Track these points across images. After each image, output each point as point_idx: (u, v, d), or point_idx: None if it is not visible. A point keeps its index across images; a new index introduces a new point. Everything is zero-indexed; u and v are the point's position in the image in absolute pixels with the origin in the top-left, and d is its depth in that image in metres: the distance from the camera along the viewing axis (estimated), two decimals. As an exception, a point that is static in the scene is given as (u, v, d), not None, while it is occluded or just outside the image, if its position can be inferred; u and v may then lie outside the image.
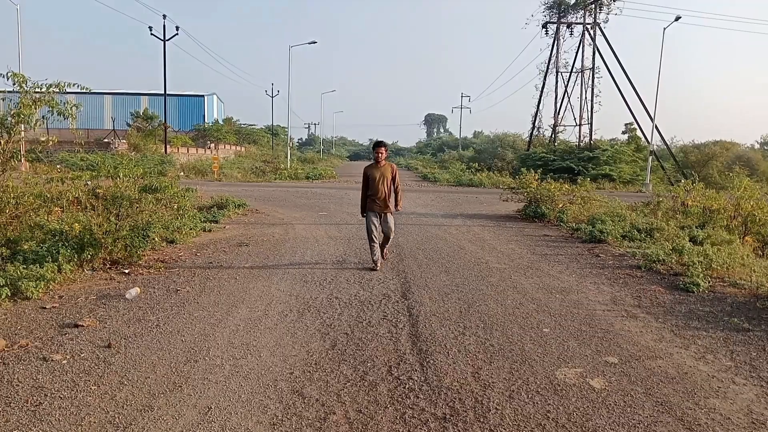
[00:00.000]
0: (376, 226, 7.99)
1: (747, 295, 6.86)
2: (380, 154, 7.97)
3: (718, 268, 7.77)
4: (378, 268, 7.95)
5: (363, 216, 8.19)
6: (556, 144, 39.92)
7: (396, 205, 8.21)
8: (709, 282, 7.33)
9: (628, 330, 5.54)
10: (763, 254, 9.94)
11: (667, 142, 37.70)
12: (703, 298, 6.78)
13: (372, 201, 7.99)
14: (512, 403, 3.87)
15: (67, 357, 4.45)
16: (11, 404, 3.64)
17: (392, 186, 8.02)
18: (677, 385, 4.23)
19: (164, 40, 32.72)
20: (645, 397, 4.00)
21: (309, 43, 42.55)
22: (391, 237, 8.32)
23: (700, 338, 5.33)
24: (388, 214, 8.07)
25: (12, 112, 7.12)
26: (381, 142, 8.09)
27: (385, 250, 8.52)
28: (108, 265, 7.61)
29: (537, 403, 3.88)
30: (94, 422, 3.44)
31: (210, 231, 11.21)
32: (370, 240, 8.00)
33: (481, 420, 3.61)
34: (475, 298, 6.60)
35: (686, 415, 3.74)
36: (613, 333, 5.43)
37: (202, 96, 63.23)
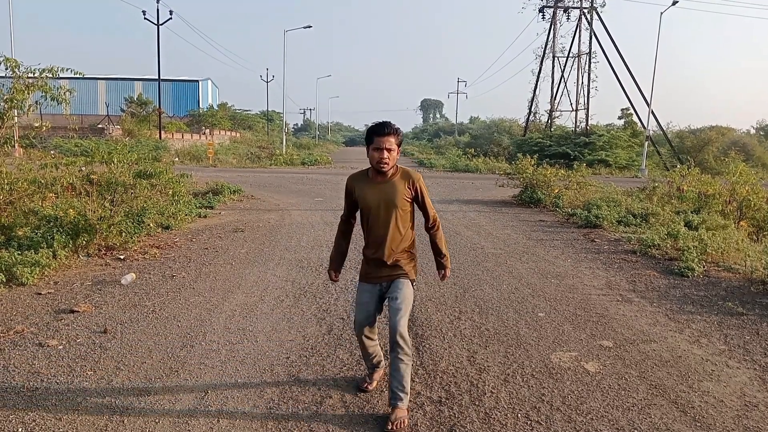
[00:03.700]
0: (370, 313, 3.58)
1: (741, 280, 6.90)
2: (386, 153, 3.34)
3: (713, 252, 7.80)
4: (370, 390, 3.78)
5: (332, 279, 3.82)
6: (552, 129, 39.87)
7: (443, 265, 3.71)
8: (703, 266, 7.36)
9: (622, 314, 5.57)
10: (758, 239, 9.99)
11: (663, 128, 37.74)
12: (698, 283, 6.81)
13: (369, 258, 3.63)
14: (507, 386, 3.90)
15: (63, 342, 4.45)
16: (7, 390, 3.64)
17: (412, 219, 3.58)
18: (671, 368, 4.27)
19: (158, 25, 32.38)
20: (639, 381, 4.03)
21: (304, 28, 42.16)
22: (404, 345, 3.30)
23: (695, 322, 5.37)
24: (401, 281, 3.50)
25: (5, 98, 7.05)
26: (385, 125, 3.37)
27: (393, 418, 3.28)
28: (103, 251, 7.58)
29: (532, 386, 3.90)
30: (91, 407, 3.45)
31: (205, 217, 11.19)
32: (360, 335, 3.64)
33: (477, 403, 3.64)
34: (471, 283, 6.62)
35: (680, 398, 3.78)
36: (608, 317, 5.46)
37: (197, 81, 62.78)
